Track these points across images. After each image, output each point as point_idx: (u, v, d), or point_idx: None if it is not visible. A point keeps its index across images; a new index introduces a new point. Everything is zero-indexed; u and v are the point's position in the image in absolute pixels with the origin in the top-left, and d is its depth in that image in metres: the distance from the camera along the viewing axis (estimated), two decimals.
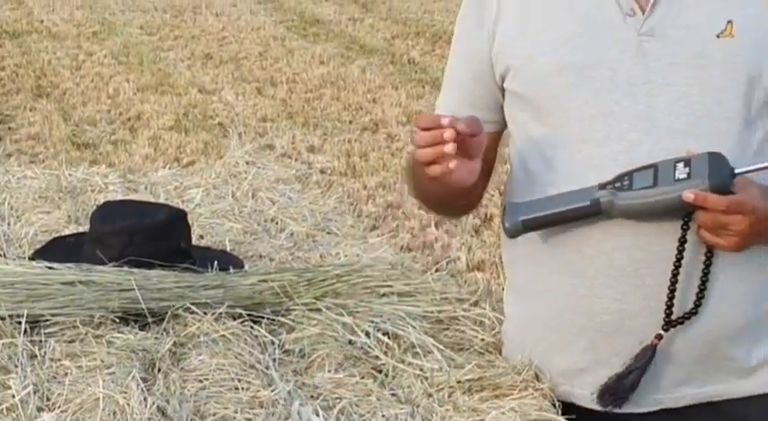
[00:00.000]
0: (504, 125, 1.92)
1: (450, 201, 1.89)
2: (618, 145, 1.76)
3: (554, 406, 1.73)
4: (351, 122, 7.31)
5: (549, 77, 1.79)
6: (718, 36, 1.75)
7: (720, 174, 1.64)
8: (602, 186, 1.70)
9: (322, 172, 6.25)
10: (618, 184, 1.69)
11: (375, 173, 6.23)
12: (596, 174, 1.74)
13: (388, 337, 1.88)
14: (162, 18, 11.14)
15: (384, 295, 2.01)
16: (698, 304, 1.74)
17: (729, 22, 1.75)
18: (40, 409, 1.63)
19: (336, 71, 8.74)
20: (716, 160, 1.66)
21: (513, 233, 1.78)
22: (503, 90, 1.87)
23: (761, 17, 1.78)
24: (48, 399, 1.67)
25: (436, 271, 2.46)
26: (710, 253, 1.72)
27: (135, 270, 2.03)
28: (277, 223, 2.55)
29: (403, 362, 1.83)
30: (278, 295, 1.98)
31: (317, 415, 1.66)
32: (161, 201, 2.63)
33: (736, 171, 1.66)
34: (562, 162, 1.81)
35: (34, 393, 1.66)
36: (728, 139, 1.75)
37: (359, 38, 10.19)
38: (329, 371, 1.80)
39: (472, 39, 1.89)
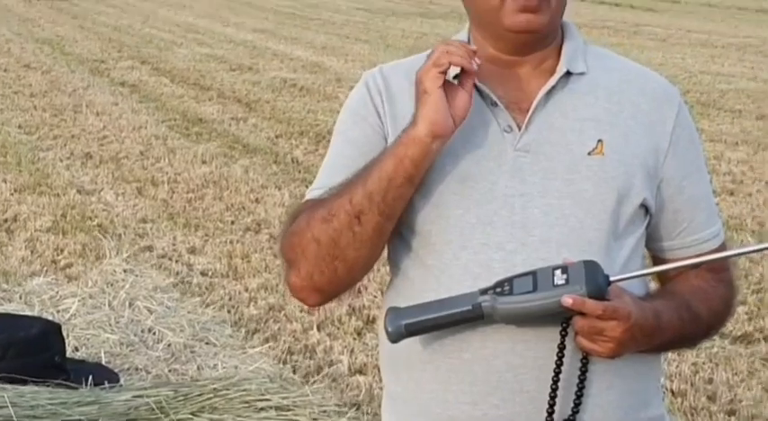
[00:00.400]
0: None
1: (372, 238, 1.84)
2: (495, 253, 1.82)
3: None
4: (233, 223, 7.28)
5: (432, 186, 1.86)
6: (589, 154, 1.86)
7: (596, 281, 1.71)
8: (484, 291, 1.75)
9: (203, 274, 6.18)
10: (499, 289, 1.74)
11: (257, 274, 6.19)
12: (474, 280, 1.80)
13: None
14: (41, 117, 11.01)
15: (262, 409, 2.00)
16: (575, 411, 1.78)
17: (600, 140, 1.87)
18: None
19: (219, 171, 8.73)
20: (591, 268, 1.73)
21: (395, 338, 1.81)
22: None
23: (629, 137, 1.89)
24: None
25: (314, 383, 2.45)
26: (587, 359, 1.77)
27: (8, 386, 1.99)
28: (155, 333, 2.54)
29: None
30: (153, 411, 1.96)
31: None
32: (36, 311, 2.59)
33: (611, 279, 1.74)
34: (441, 268, 1.85)
35: None
36: (599, 251, 1.83)
37: (242, 137, 10.21)
38: None
39: (360, 126, 1.95)
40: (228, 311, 5.51)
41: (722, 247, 1.99)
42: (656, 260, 2.02)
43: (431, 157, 1.80)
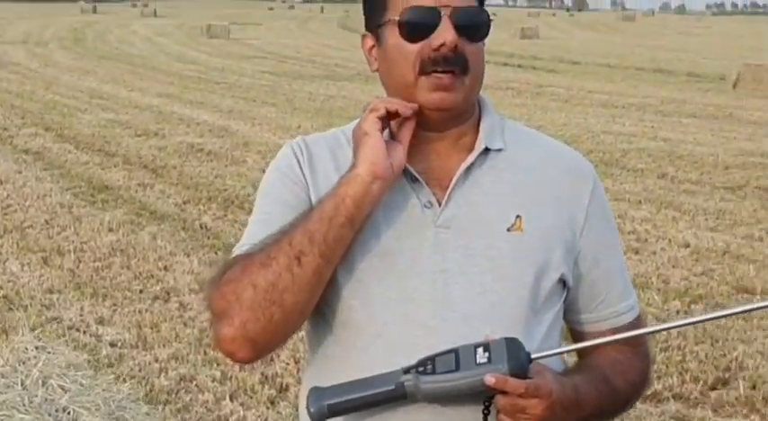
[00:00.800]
0: None
1: (306, 288, 1.81)
2: (418, 330, 1.83)
3: None
4: (141, 292, 7.19)
5: (353, 261, 1.86)
6: (508, 230, 1.89)
7: (518, 359, 1.72)
8: (406, 370, 1.75)
9: (112, 345, 6.09)
10: (421, 368, 1.74)
11: (167, 344, 6.11)
12: (396, 358, 1.80)
13: None
14: None
15: None
16: None
17: (518, 216, 1.90)
18: None
19: (126, 238, 8.63)
20: (513, 345, 1.74)
21: (318, 418, 1.79)
22: None
23: (546, 213, 1.92)
24: None
25: None
26: None
27: None
28: (69, 413, 2.48)
29: None
30: None
31: None
32: None
33: (533, 356, 1.75)
34: (363, 346, 1.86)
35: None
36: (519, 327, 1.86)
37: (149, 204, 10.12)
38: None
39: (295, 188, 1.94)
40: (139, 383, 5.43)
41: (638, 320, 2.04)
42: (574, 332, 2.05)
43: (372, 199, 1.81)
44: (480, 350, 1.73)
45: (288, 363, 5.68)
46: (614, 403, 1.95)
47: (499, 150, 1.94)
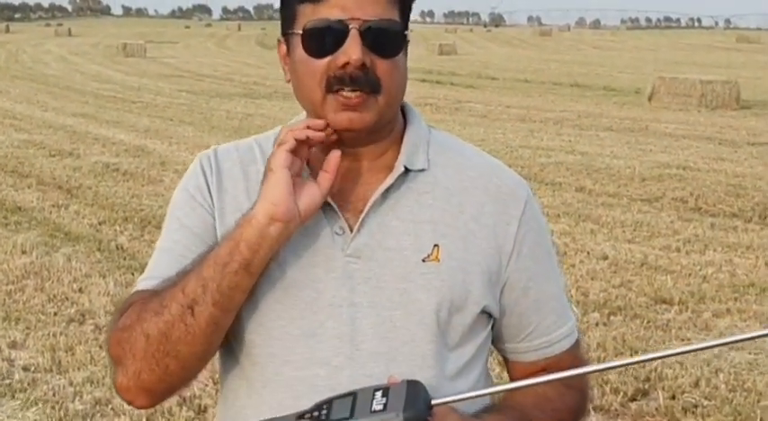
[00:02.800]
0: None
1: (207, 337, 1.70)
2: (320, 368, 1.71)
3: None
4: (56, 314, 7.02)
5: (256, 293, 1.72)
6: (423, 260, 1.73)
7: (416, 407, 1.60)
8: (300, 416, 1.63)
9: (25, 369, 5.94)
10: (316, 414, 1.62)
11: (82, 367, 5.97)
12: (296, 399, 1.68)
13: None
14: None
15: None
16: None
17: (436, 245, 1.74)
18: None
19: (40, 260, 8.45)
20: (413, 390, 1.62)
21: None
22: None
23: (468, 241, 1.76)
24: None
25: None
26: None
27: None
28: None
29: None
30: None
31: None
32: None
33: (433, 402, 1.62)
34: (263, 383, 1.74)
35: None
36: (434, 364, 1.73)
37: (63, 225, 9.92)
38: None
39: (201, 211, 1.80)
40: (53, 407, 5.30)
41: (575, 347, 1.90)
42: (505, 361, 1.93)
43: (269, 244, 1.64)
44: (379, 394, 1.60)
45: (206, 385, 5.58)
46: None
47: (421, 170, 1.78)
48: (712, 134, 18.60)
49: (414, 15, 1.90)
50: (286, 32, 1.77)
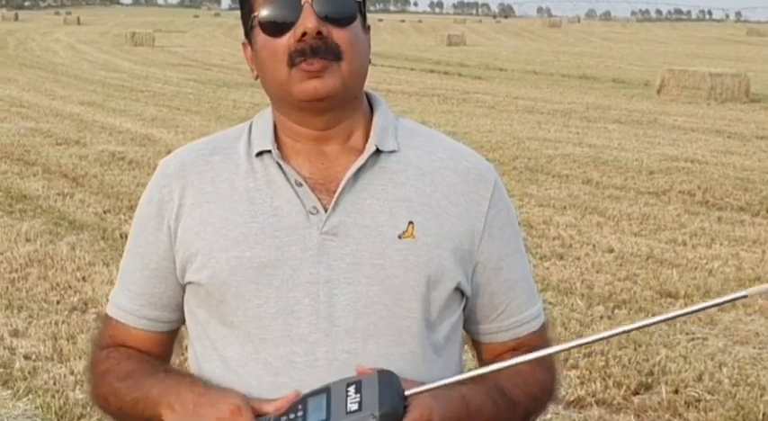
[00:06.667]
0: (182, 322, 1.89)
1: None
2: (297, 346, 1.73)
3: None
4: (58, 303, 7.01)
5: (228, 274, 1.76)
6: (399, 237, 1.77)
7: (390, 402, 1.60)
8: (276, 419, 1.65)
9: (26, 358, 5.93)
10: (292, 416, 1.63)
11: (83, 356, 5.95)
12: (275, 376, 1.72)
13: None
14: None
15: None
16: None
17: (411, 222, 1.78)
18: None
19: (44, 249, 8.44)
20: (385, 384, 1.62)
21: None
22: (184, 287, 1.83)
23: (442, 219, 1.81)
24: None
25: None
26: None
27: None
28: None
29: None
30: None
31: None
32: None
33: (406, 393, 1.63)
34: (240, 362, 1.76)
35: None
36: (409, 340, 1.77)
37: (68, 213, 9.91)
38: None
39: (151, 238, 1.86)
40: (53, 396, 5.28)
41: (543, 328, 1.95)
42: (475, 343, 1.97)
43: None
44: (352, 390, 1.61)
45: None
46: (512, 416, 1.83)
47: (392, 152, 1.83)
48: (721, 127, 18.55)
49: (423, 6, 1.93)
50: (247, 29, 1.83)
